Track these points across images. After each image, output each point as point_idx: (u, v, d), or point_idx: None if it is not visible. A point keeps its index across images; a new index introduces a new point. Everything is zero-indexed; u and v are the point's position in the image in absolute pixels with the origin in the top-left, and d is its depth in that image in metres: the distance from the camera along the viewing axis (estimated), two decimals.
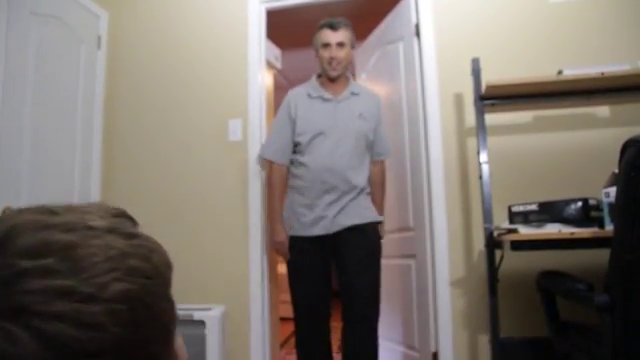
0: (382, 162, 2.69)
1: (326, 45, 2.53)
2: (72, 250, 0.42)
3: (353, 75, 2.70)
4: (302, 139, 2.52)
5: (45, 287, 0.40)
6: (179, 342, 0.53)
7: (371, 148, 2.62)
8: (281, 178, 2.57)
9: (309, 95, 2.59)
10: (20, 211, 0.46)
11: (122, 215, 0.51)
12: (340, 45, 2.53)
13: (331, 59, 2.52)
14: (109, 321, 0.41)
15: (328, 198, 2.46)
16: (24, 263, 0.40)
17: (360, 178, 2.52)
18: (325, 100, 2.56)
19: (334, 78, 2.57)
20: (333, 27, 2.52)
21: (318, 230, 2.46)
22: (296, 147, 2.57)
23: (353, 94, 2.59)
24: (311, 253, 2.47)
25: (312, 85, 2.64)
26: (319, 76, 2.67)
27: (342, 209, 2.46)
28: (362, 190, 2.52)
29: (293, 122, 2.55)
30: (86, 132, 3.08)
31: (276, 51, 3.87)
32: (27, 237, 0.42)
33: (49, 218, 0.45)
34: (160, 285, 0.48)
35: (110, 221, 0.48)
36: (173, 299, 0.50)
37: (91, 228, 0.45)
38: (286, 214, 2.56)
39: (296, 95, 2.62)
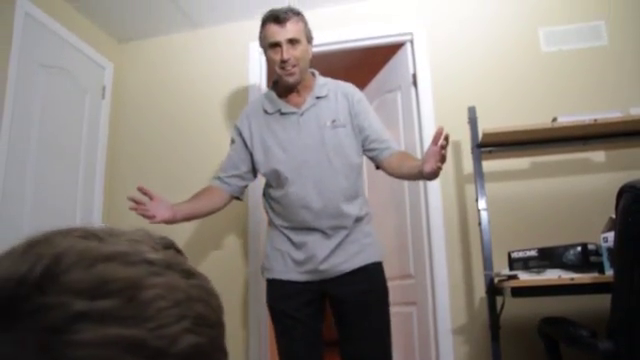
0: (392, 153, 2.08)
1: (274, 45, 2.01)
2: (136, 290, 0.34)
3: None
4: (264, 171, 2.12)
5: (104, 337, 0.31)
6: None
7: (369, 149, 2.11)
8: (207, 193, 2.17)
9: (265, 111, 2.13)
10: (61, 233, 0.38)
11: (172, 247, 0.43)
12: (292, 42, 2.00)
13: (283, 62, 2.00)
14: None
15: (314, 238, 2.01)
16: (79, 304, 0.32)
17: (354, 205, 2.05)
18: (284, 114, 2.09)
19: (292, 85, 2.07)
20: (279, 20, 2.00)
21: (306, 276, 2.01)
22: (266, 179, 2.17)
23: (319, 98, 2.09)
24: (297, 301, 2.00)
25: (268, 96, 2.16)
26: (275, 83, 2.17)
27: (335, 249, 1.99)
28: (359, 219, 2.06)
29: (247, 149, 2.15)
30: (88, 179, 3.11)
31: None
32: (81, 271, 0.33)
33: (100, 246, 0.37)
34: (221, 336, 0.41)
35: (164, 254, 0.40)
36: (227, 352, 0.43)
37: (150, 263, 0.37)
38: (268, 251, 2.13)
39: (249, 113, 2.18)
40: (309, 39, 2.11)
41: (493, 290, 2.35)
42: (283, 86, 2.11)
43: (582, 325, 1.77)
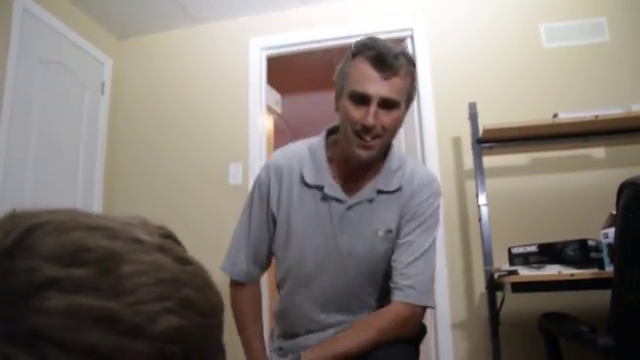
0: (404, 305, 1.38)
1: (362, 98, 1.33)
2: (115, 262, 0.32)
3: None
4: (279, 256, 1.55)
5: (75, 306, 0.29)
6: None
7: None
8: (252, 300, 1.57)
9: (303, 181, 1.46)
10: (50, 209, 0.35)
11: (171, 237, 0.40)
12: (387, 105, 1.33)
13: (365, 128, 1.32)
14: None
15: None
16: (51, 270, 0.29)
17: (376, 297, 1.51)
18: (327, 199, 1.44)
19: (363, 162, 1.39)
20: (384, 66, 1.31)
21: None
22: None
23: (380, 193, 1.44)
24: None
25: (315, 160, 1.47)
26: (330, 137, 1.51)
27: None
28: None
29: (271, 219, 1.51)
30: (88, 174, 3.10)
31: (276, 96, 3.94)
32: (56, 237, 0.31)
33: (85, 219, 0.34)
34: (215, 328, 0.37)
35: (159, 239, 0.37)
36: (224, 348, 0.39)
37: (139, 241, 0.35)
38: (277, 309, 1.61)
39: (281, 172, 1.49)
40: (409, 102, 1.42)
41: (493, 285, 2.35)
42: (346, 156, 1.42)
43: (582, 320, 1.76)
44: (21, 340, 0.27)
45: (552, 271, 2.10)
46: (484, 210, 2.45)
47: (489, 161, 2.69)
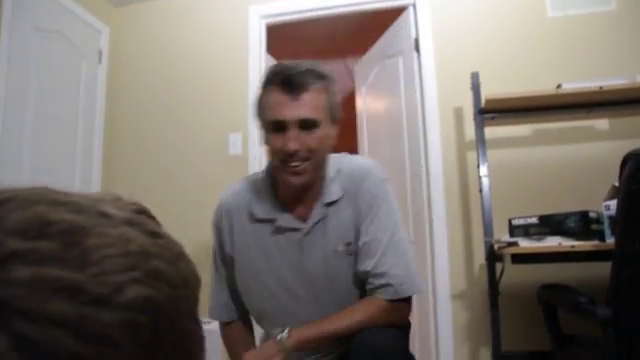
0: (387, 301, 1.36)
1: (280, 125, 1.30)
2: (80, 236, 0.32)
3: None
4: (246, 301, 1.53)
5: (40, 277, 0.29)
6: None
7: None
8: (242, 333, 1.57)
9: (252, 217, 1.44)
10: (13, 188, 0.35)
11: (144, 212, 0.39)
12: (307, 126, 1.30)
13: (288, 155, 1.30)
14: (124, 336, 0.30)
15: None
16: (13, 243, 0.30)
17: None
18: (280, 231, 1.42)
19: (297, 187, 1.37)
20: (291, 87, 1.29)
21: None
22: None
23: (329, 205, 1.40)
24: None
25: (262, 194, 1.44)
26: (271, 171, 1.46)
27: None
28: None
29: (228, 261, 1.52)
30: (86, 145, 3.08)
31: None
32: (21, 211, 0.32)
33: (52, 194, 0.34)
34: (188, 299, 0.37)
35: (129, 214, 0.37)
36: (200, 322, 0.39)
37: (106, 215, 0.35)
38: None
39: (230, 212, 1.48)
40: (334, 118, 1.38)
41: (493, 257, 2.36)
42: (282, 186, 1.42)
43: (581, 292, 1.77)
44: None
45: (552, 243, 2.10)
46: (485, 181, 2.44)
47: (491, 132, 2.66)
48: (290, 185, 1.35)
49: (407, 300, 1.41)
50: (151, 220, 0.39)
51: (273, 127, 1.32)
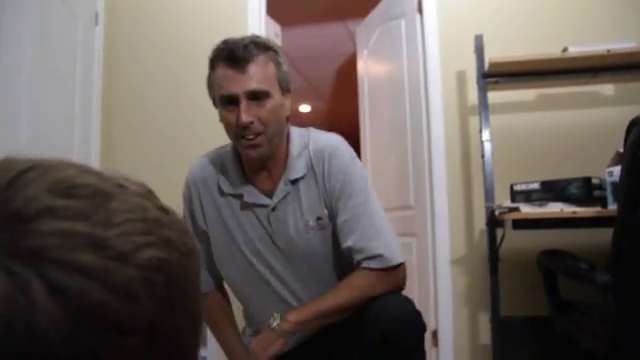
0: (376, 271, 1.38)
1: (230, 99, 1.33)
2: (104, 199, 0.36)
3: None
4: (223, 273, 1.56)
5: (70, 231, 0.32)
6: None
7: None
8: (219, 304, 1.58)
9: (220, 191, 1.47)
10: (40, 158, 0.38)
11: (150, 192, 0.43)
12: (257, 96, 1.32)
13: (242, 128, 1.32)
14: (144, 291, 0.34)
15: None
16: (47, 199, 0.33)
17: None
18: (247, 207, 1.45)
19: (257, 161, 1.40)
20: (236, 61, 1.33)
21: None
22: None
23: (294, 182, 1.42)
24: None
25: (229, 168, 1.47)
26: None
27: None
28: None
29: (202, 234, 1.51)
30: (85, 109, 3.04)
31: (276, 28, 3.82)
32: (53, 174, 0.35)
33: (78, 164, 0.38)
34: (192, 269, 0.40)
35: (140, 188, 0.40)
36: (203, 296, 0.40)
37: (123, 187, 0.38)
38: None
39: (197, 186, 1.51)
40: (285, 88, 1.40)
41: (493, 222, 2.35)
42: (245, 160, 1.44)
43: (581, 258, 1.77)
44: (22, 257, 0.31)
45: (554, 208, 2.09)
46: (487, 146, 2.42)
47: (494, 96, 2.62)
48: (250, 158, 1.39)
49: (396, 268, 1.42)
50: (156, 199, 0.42)
51: (224, 102, 1.35)
